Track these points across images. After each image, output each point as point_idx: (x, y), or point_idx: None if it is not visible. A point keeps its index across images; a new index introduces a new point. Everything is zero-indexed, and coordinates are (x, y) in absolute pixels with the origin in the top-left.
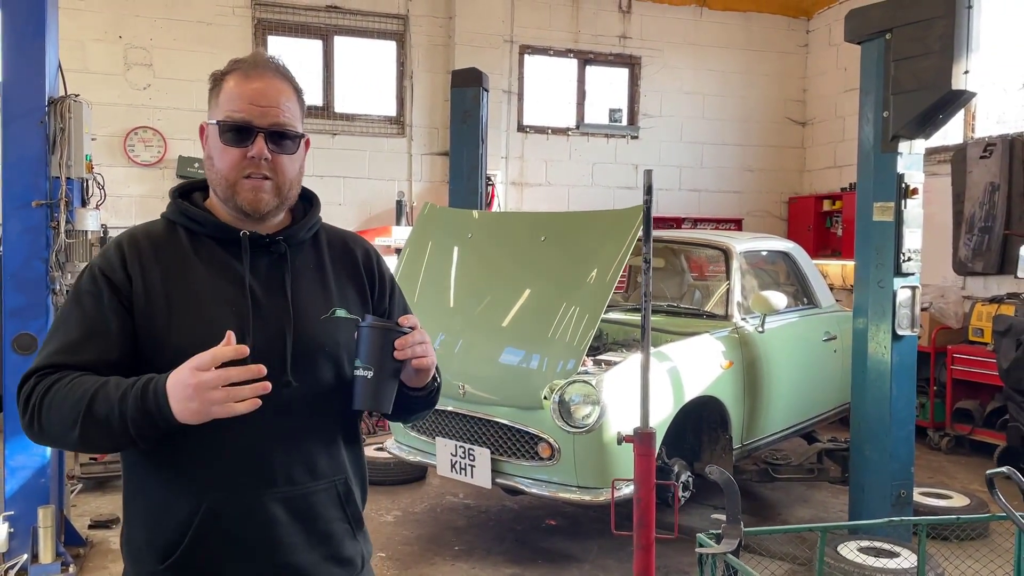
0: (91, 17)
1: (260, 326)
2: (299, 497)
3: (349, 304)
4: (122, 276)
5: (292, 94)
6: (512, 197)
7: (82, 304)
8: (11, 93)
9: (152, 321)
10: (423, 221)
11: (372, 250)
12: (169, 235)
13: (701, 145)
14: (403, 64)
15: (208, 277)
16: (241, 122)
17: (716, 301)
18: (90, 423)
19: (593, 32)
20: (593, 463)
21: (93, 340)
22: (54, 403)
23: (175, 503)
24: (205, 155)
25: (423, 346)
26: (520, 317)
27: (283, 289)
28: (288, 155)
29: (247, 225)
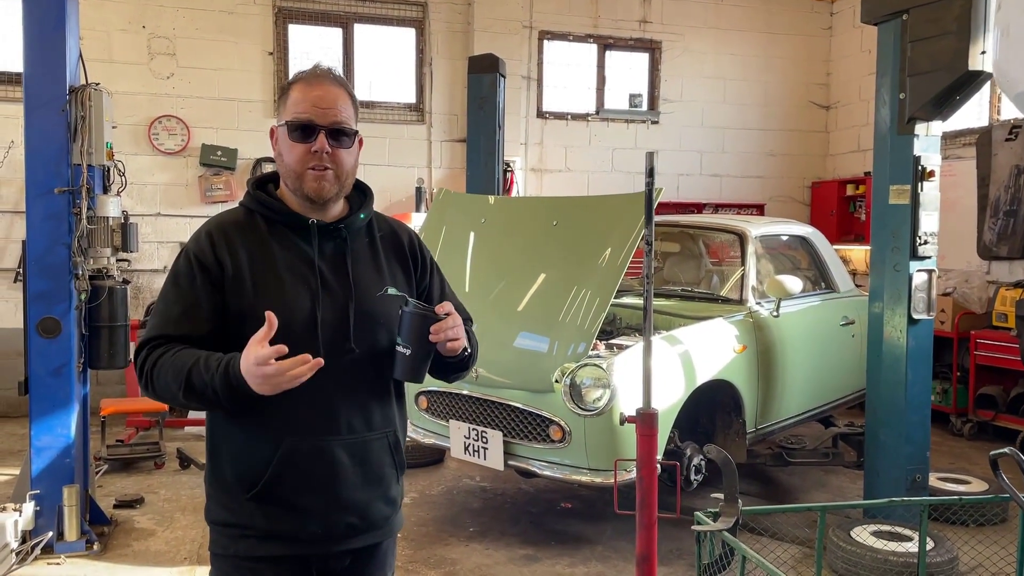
0: (115, 7)
1: (328, 301)
2: (359, 444)
3: (398, 282)
4: (212, 259)
5: (347, 99)
6: (531, 183)
7: (179, 284)
8: (33, 82)
9: (240, 297)
10: (438, 206)
11: (415, 235)
12: (249, 222)
13: (722, 130)
14: (422, 51)
15: (284, 257)
16: (306, 121)
17: (731, 286)
18: (191, 393)
19: (613, 17)
20: (603, 445)
21: (188, 315)
22: (160, 374)
23: (258, 445)
24: (276, 153)
25: (455, 330)
26: (532, 301)
27: (345, 269)
28: (345, 149)
29: (313, 213)
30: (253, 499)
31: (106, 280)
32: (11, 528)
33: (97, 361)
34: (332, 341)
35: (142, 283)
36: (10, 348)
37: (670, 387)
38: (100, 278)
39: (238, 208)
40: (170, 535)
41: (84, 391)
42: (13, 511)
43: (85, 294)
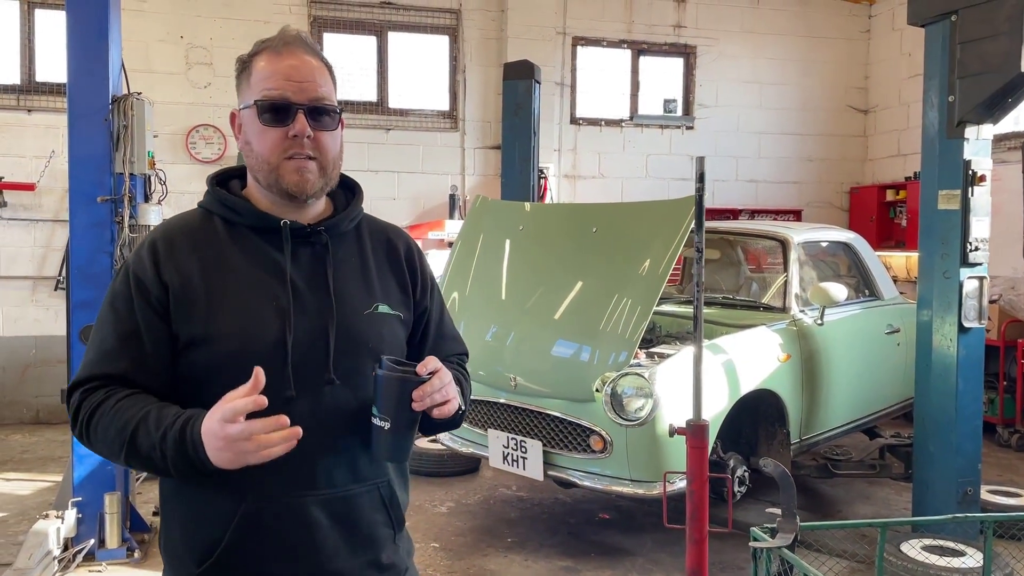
0: (154, 18)
1: (302, 321)
2: (340, 499)
3: (391, 299)
4: (153, 277)
5: (325, 70)
6: (565, 190)
7: (116, 308)
8: (77, 92)
9: (190, 320)
10: (475, 214)
11: (415, 245)
12: (205, 226)
13: (758, 135)
14: (456, 58)
15: (248, 269)
16: (280, 99)
17: (773, 293)
18: (133, 455)
19: (647, 22)
20: (646, 456)
21: (127, 347)
22: (99, 428)
23: (214, 503)
24: (241, 142)
25: (443, 392)
26: (572, 309)
27: (325, 282)
28: (329, 131)
29: (288, 213)
30: (207, 573)
31: None
32: (53, 535)
33: None
34: (306, 370)
35: None
36: (51, 355)
37: (714, 397)
38: None
39: (194, 210)
40: None
41: None
42: (55, 518)
43: None
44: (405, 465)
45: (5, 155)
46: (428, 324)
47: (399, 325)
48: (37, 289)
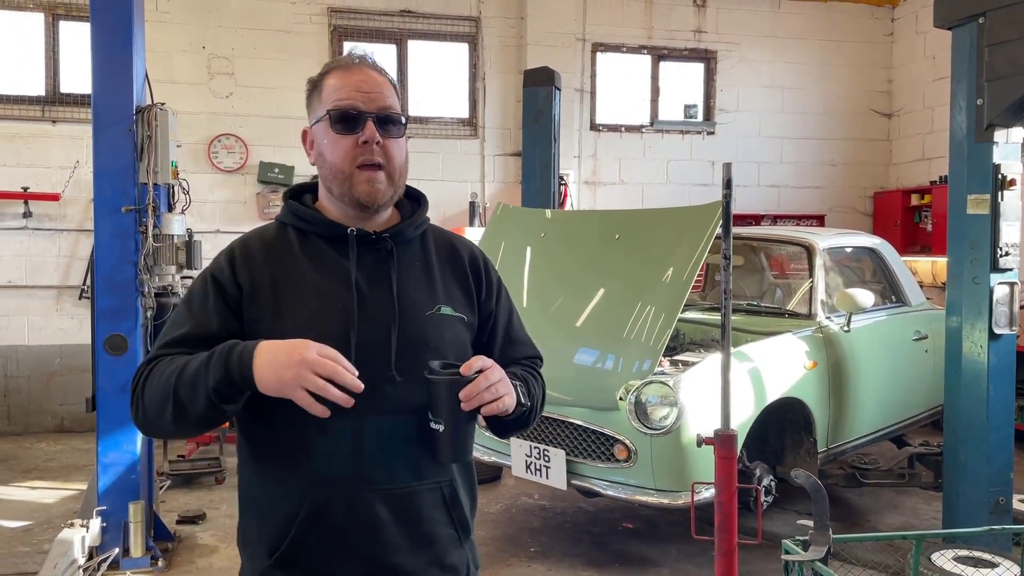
0: (177, 29)
1: (365, 321)
2: (402, 496)
3: (455, 302)
4: (230, 278)
5: (389, 85)
6: (585, 196)
7: (191, 306)
8: (101, 103)
9: (260, 320)
10: (496, 221)
11: (480, 252)
12: (280, 237)
13: (780, 140)
14: (475, 66)
15: (316, 275)
16: (351, 108)
17: (799, 299)
18: (181, 390)
19: (667, 27)
20: (671, 466)
21: (197, 337)
22: (151, 382)
23: (281, 498)
24: (315, 155)
25: (492, 390)
26: (595, 317)
27: (389, 285)
28: (395, 140)
29: (357, 222)
30: (276, 565)
31: (171, 297)
32: (78, 544)
33: None
34: (368, 369)
35: None
36: (75, 364)
37: (739, 406)
38: (165, 295)
39: (271, 223)
40: (232, 552)
41: None
42: (80, 527)
43: (151, 311)
44: (471, 469)
45: (31, 166)
46: (495, 328)
47: (462, 327)
48: (62, 298)
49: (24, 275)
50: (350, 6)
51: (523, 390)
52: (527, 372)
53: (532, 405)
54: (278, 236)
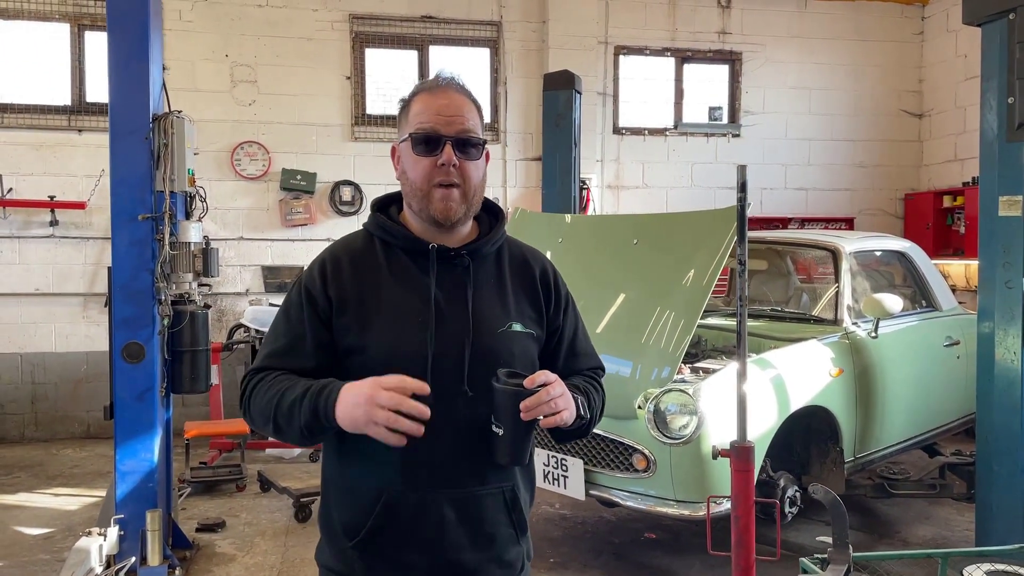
0: (200, 38)
1: (442, 336)
2: (468, 499)
3: (525, 318)
4: (321, 292)
5: (472, 107)
6: (608, 201)
7: (289, 315)
8: (118, 111)
9: (348, 332)
10: (513, 227)
11: (551, 267)
12: (367, 248)
13: (808, 141)
14: (496, 70)
15: (398, 289)
16: (431, 131)
17: (824, 305)
18: (279, 416)
19: (691, 29)
20: (691, 476)
21: (294, 349)
22: (256, 398)
23: (361, 489)
24: (399, 172)
25: (550, 404)
26: (613, 323)
27: (465, 301)
28: (473, 162)
29: (437, 237)
30: (356, 548)
31: (188, 305)
32: (95, 553)
33: (179, 385)
34: (443, 381)
35: (224, 306)
36: (101, 371)
37: (762, 414)
38: (182, 303)
39: (360, 232)
40: (250, 560)
41: (167, 415)
42: (98, 535)
43: (168, 319)
44: (532, 470)
45: (57, 175)
46: (561, 341)
47: (531, 342)
48: (88, 306)
49: (51, 283)
50: (372, 12)
51: (583, 403)
52: (589, 384)
53: (591, 417)
54: (365, 248)
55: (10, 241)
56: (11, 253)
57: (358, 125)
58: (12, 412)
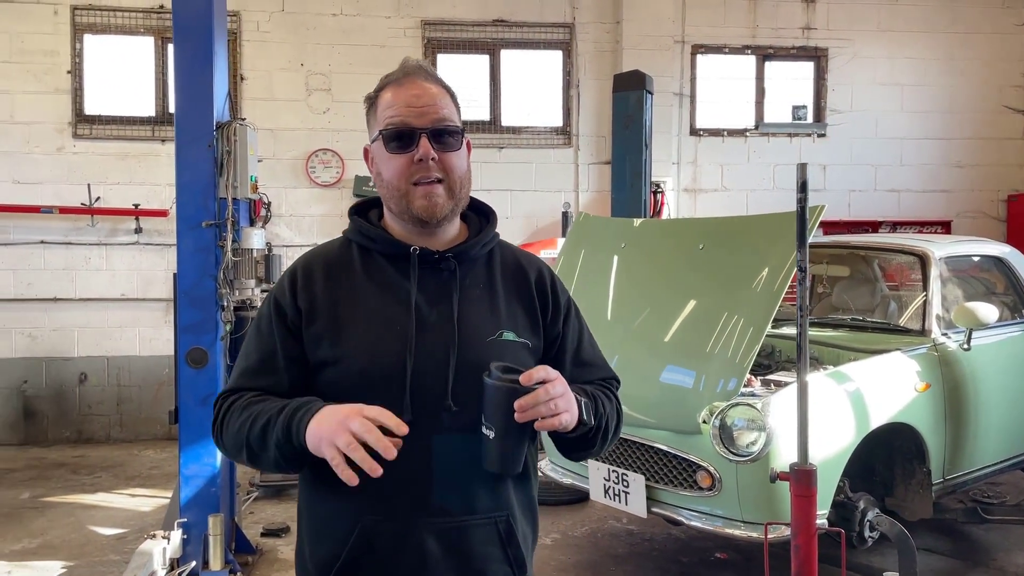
0: (276, 48)
1: (424, 348)
2: (454, 530)
3: (518, 327)
4: (291, 303)
5: (445, 94)
6: (684, 204)
7: (260, 330)
8: (183, 120)
9: (319, 343)
10: (576, 231)
11: (548, 271)
12: (343, 255)
13: (900, 141)
14: (569, 73)
15: (376, 296)
16: (402, 126)
17: (911, 314)
18: (252, 439)
19: (773, 26)
20: (759, 496)
21: (266, 366)
22: (228, 423)
23: (335, 521)
24: (374, 174)
25: (549, 405)
26: (677, 331)
27: (450, 308)
28: (454, 152)
29: (423, 240)
30: None
31: (250, 311)
32: (159, 556)
33: None
34: (424, 397)
35: None
36: None
37: (838, 431)
38: (244, 309)
39: (337, 239)
40: None
41: None
42: (162, 538)
43: (230, 325)
44: (532, 498)
45: (141, 184)
46: (563, 351)
47: (526, 352)
48: (170, 311)
49: (136, 288)
50: (443, 18)
51: (589, 409)
52: (599, 391)
53: (599, 426)
54: (341, 254)
55: (98, 248)
56: (99, 260)
57: None
58: (99, 413)
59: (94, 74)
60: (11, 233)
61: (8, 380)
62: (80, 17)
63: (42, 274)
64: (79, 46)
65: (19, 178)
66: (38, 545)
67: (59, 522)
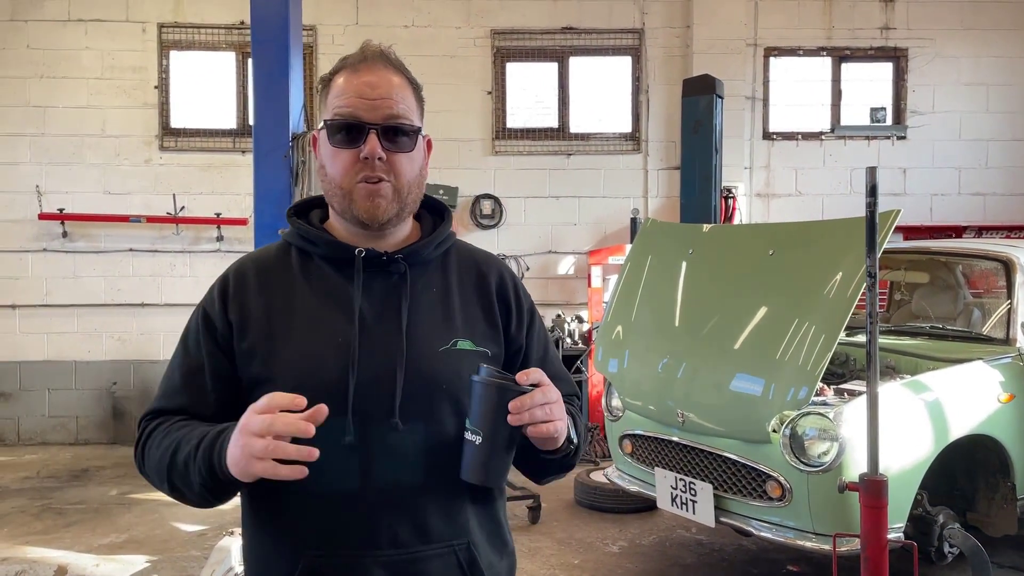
0: None
1: (368, 359)
2: (405, 563)
3: (475, 334)
4: (219, 314)
5: (406, 86)
6: (757, 209)
7: (186, 344)
8: (261, 131)
9: (251, 359)
10: (643, 237)
11: (509, 274)
12: (280, 259)
13: (985, 142)
14: (638, 79)
15: (314, 304)
16: (350, 118)
17: (994, 322)
18: (174, 476)
19: (849, 26)
20: (831, 508)
21: (190, 385)
22: (149, 452)
23: (275, 558)
24: (317, 166)
25: (545, 409)
26: (746, 339)
27: (398, 315)
28: (405, 153)
29: (368, 242)
30: None
31: None
32: (237, 552)
33: None
34: (369, 414)
35: None
36: None
37: (914, 442)
38: None
39: (276, 243)
40: None
41: None
42: (238, 536)
43: None
44: (500, 522)
45: (223, 193)
46: (528, 362)
47: (484, 363)
48: None
49: None
50: (513, 27)
51: (572, 426)
52: (573, 410)
53: (578, 444)
54: (278, 259)
55: (182, 255)
56: (183, 267)
57: (498, 139)
58: None
59: (179, 89)
60: (102, 241)
61: (98, 381)
62: (166, 34)
63: (130, 280)
64: (165, 62)
65: (110, 189)
66: (124, 540)
67: (144, 518)
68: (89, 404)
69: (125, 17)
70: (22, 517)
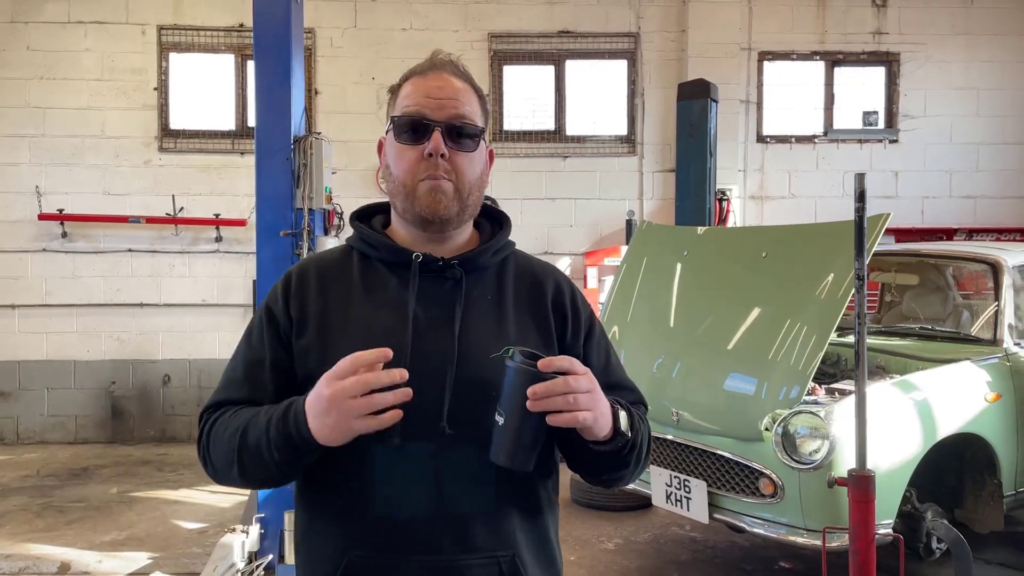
0: (349, 63)
1: (419, 363)
2: (448, 570)
3: (528, 343)
4: (282, 310)
5: (472, 93)
6: (751, 212)
7: (250, 338)
8: (263, 134)
9: (307, 356)
10: (639, 239)
11: (567, 284)
12: (342, 262)
13: (976, 146)
14: (634, 82)
15: (370, 306)
16: (416, 115)
17: (982, 323)
18: (245, 456)
19: (842, 31)
20: (823, 504)
21: (251, 377)
22: (214, 442)
23: (323, 554)
24: (383, 167)
25: (567, 398)
26: (740, 339)
27: (451, 321)
28: (467, 153)
29: (428, 247)
30: None
31: None
32: (238, 549)
33: None
34: (417, 418)
35: None
36: None
37: (904, 441)
38: None
39: (340, 246)
40: None
41: None
42: (241, 532)
43: None
44: (549, 539)
45: (222, 194)
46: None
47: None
48: (248, 316)
49: (216, 294)
50: (510, 30)
51: (625, 419)
52: (636, 411)
53: (634, 443)
54: (339, 261)
55: (181, 256)
56: (182, 267)
57: (495, 141)
58: (182, 414)
59: (178, 90)
60: (101, 242)
61: (97, 381)
62: (166, 36)
63: (129, 280)
64: (165, 64)
65: (109, 189)
66: (126, 537)
67: (145, 516)
68: (88, 403)
69: (125, 19)
70: (24, 515)
